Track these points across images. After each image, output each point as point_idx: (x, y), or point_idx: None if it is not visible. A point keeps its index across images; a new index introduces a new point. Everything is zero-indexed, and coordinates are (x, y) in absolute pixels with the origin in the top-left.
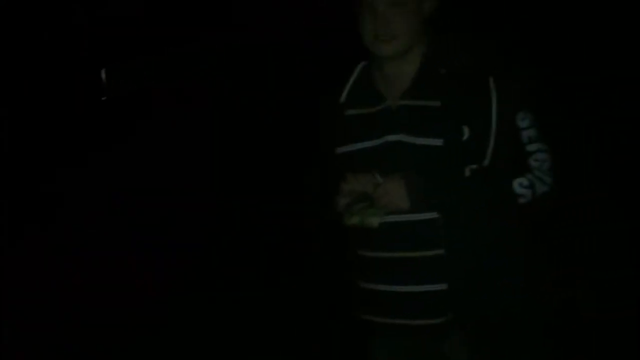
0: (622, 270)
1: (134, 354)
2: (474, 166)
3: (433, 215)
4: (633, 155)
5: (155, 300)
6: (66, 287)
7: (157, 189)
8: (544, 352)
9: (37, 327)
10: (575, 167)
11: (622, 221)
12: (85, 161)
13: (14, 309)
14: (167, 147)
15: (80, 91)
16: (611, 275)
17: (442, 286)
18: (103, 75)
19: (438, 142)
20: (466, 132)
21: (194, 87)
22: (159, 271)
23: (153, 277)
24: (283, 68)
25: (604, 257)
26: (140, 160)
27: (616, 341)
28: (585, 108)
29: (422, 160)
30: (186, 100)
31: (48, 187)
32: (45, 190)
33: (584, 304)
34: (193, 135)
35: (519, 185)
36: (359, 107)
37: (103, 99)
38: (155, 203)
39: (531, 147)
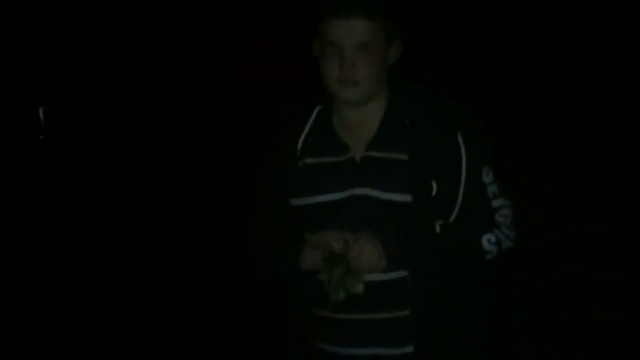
0: (622, 270)
1: (136, 354)
2: (441, 222)
3: (402, 274)
4: (633, 155)
5: (155, 300)
6: (66, 286)
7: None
8: None
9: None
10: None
11: (622, 221)
12: (83, 160)
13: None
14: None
15: (80, 92)
16: (611, 275)
17: (409, 348)
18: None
19: (407, 197)
20: (434, 187)
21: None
22: (159, 272)
23: (153, 278)
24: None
25: (604, 257)
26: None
27: (616, 341)
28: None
29: (390, 216)
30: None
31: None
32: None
33: (584, 304)
34: None
35: (487, 241)
36: (318, 155)
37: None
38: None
39: (496, 203)
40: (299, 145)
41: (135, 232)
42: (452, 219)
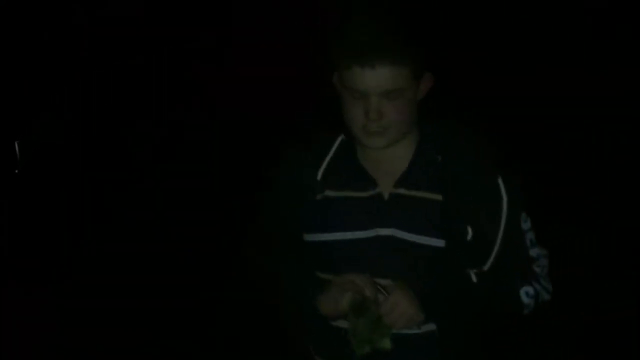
0: (622, 270)
1: (136, 354)
2: (475, 271)
3: (432, 327)
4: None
5: (155, 300)
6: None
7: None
8: None
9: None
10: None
11: (622, 221)
12: (83, 160)
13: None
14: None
15: (80, 92)
16: (612, 275)
17: None
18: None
19: (439, 242)
20: (470, 232)
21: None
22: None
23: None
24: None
25: (604, 257)
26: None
27: (617, 342)
28: None
29: (419, 262)
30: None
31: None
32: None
33: (585, 305)
34: None
35: (525, 294)
36: (341, 188)
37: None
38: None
39: (533, 252)
40: (319, 176)
41: (135, 232)
42: (486, 267)
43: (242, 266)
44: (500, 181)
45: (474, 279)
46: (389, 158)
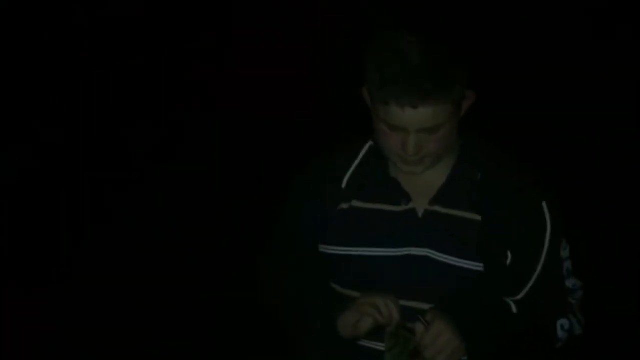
0: (626, 273)
1: (136, 354)
2: (512, 299)
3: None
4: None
5: (155, 300)
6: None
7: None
8: None
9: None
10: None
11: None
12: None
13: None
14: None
15: (80, 92)
16: (615, 277)
17: None
18: None
19: (478, 266)
20: (509, 257)
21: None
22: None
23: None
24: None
25: (608, 260)
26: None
27: (618, 343)
28: None
29: (455, 287)
30: None
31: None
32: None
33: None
34: None
35: (560, 328)
36: (370, 200)
37: None
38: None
39: (569, 283)
40: (344, 184)
41: (135, 232)
42: (521, 296)
43: (256, 288)
44: (545, 205)
45: (514, 309)
46: (425, 173)
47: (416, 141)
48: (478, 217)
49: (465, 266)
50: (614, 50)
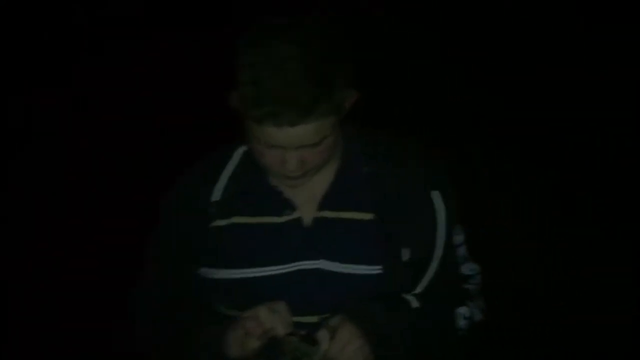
0: (627, 273)
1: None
2: (411, 295)
3: None
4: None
5: None
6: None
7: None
8: None
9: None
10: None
11: (627, 224)
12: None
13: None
14: None
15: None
16: (616, 278)
17: None
18: None
19: (375, 269)
20: (405, 254)
21: None
22: None
23: None
24: None
25: (609, 260)
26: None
27: (619, 344)
28: None
29: (354, 295)
30: None
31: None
32: None
33: (588, 307)
34: None
35: (461, 317)
36: (250, 213)
37: None
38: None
39: (466, 269)
40: (217, 198)
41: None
42: (419, 289)
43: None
44: (434, 194)
45: (415, 303)
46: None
47: (298, 158)
48: (370, 216)
49: (363, 272)
50: (614, 50)
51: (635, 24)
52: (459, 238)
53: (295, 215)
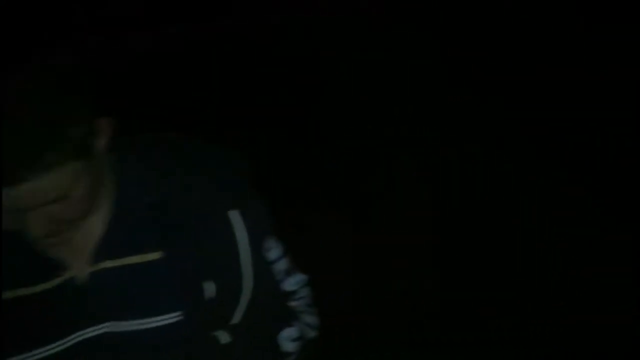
0: (628, 273)
1: None
2: (222, 330)
3: None
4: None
5: None
6: None
7: None
8: None
9: None
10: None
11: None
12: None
13: None
14: None
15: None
16: (618, 278)
17: None
18: None
19: (175, 316)
20: (209, 289)
21: None
22: None
23: None
24: None
25: (610, 259)
26: None
27: (620, 345)
28: None
29: (152, 353)
30: None
31: None
32: None
33: (589, 307)
34: None
35: (288, 339)
36: (16, 285)
37: None
38: None
39: (289, 284)
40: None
41: None
42: (235, 320)
43: None
44: (233, 213)
45: (225, 339)
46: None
47: (44, 218)
48: (157, 255)
49: (160, 324)
50: (614, 50)
51: (635, 24)
52: (274, 252)
53: (67, 275)
